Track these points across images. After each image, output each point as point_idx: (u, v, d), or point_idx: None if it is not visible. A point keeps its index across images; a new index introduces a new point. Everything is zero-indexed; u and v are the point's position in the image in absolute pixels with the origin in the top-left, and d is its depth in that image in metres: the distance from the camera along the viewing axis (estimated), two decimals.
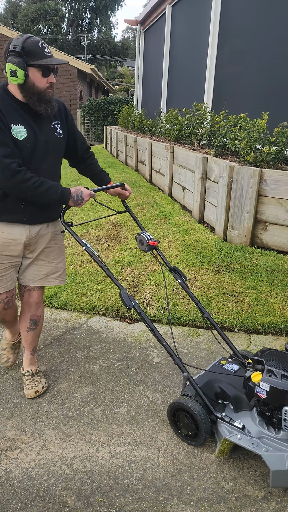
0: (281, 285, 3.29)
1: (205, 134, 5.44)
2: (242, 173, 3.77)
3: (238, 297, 3.20)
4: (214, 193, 4.35)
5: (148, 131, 8.68)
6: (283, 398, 1.69)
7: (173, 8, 8.55)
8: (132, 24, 11.95)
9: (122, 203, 2.57)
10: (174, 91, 8.74)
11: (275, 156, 3.90)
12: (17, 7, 40.25)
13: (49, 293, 3.58)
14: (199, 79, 6.98)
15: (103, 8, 40.86)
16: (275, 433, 1.75)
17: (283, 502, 1.67)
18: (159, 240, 3.56)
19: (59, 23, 39.21)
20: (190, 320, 3.06)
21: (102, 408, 2.21)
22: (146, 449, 1.94)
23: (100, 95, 24.77)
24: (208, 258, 3.72)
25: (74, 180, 7.54)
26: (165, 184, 6.07)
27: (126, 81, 32.21)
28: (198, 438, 1.91)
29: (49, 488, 1.75)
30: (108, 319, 3.20)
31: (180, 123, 6.17)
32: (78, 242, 2.06)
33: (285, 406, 1.68)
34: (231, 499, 1.69)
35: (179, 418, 1.97)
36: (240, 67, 5.74)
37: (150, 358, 2.66)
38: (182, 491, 1.72)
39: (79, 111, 16.81)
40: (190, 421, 1.90)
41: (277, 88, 4.91)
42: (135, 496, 1.70)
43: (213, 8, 6.26)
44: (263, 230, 3.83)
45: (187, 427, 1.94)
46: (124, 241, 4.35)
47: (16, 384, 2.42)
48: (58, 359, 2.67)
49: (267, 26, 5.11)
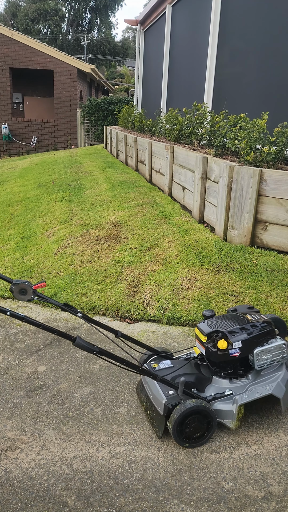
0: (281, 285, 3.29)
1: (205, 134, 5.44)
2: (242, 173, 3.77)
3: (238, 297, 3.20)
4: (214, 193, 4.35)
5: (148, 131, 8.68)
6: (251, 344, 2.01)
7: (173, 8, 8.55)
8: (132, 24, 11.95)
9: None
10: (174, 91, 8.74)
11: (275, 156, 3.90)
12: (17, 7, 40.24)
13: (49, 293, 3.58)
14: (199, 79, 6.98)
15: (103, 8, 40.85)
16: (246, 378, 2.07)
17: (283, 502, 1.67)
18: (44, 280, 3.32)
19: (59, 23, 39.22)
20: (190, 320, 3.06)
21: (102, 408, 2.21)
22: (146, 449, 1.94)
23: (100, 95, 24.76)
24: (208, 258, 3.72)
25: (74, 180, 7.54)
26: (165, 184, 6.07)
27: (126, 81, 32.20)
28: (208, 433, 1.95)
29: (49, 488, 1.75)
30: (108, 319, 3.20)
31: (180, 123, 6.16)
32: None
33: (254, 350, 2.00)
34: (231, 499, 1.69)
35: (188, 424, 1.90)
36: (240, 67, 5.74)
37: None
38: (182, 491, 1.72)
39: (79, 111, 16.81)
40: (202, 421, 1.92)
41: (277, 88, 4.91)
42: (135, 496, 1.70)
43: (213, 8, 6.26)
44: (263, 230, 3.83)
45: (197, 429, 1.93)
46: (124, 241, 4.35)
47: (16, 384, 2.42)
48: (58, 359, 2.67)
49: (267, 26, 5.11)
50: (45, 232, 5.09)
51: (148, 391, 2.10)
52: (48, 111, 18.47)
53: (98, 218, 5.09)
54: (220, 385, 2.05)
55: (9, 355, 2.74)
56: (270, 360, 2.07)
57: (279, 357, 2.09)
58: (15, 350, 2.80)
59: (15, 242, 4.89)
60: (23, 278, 3.95)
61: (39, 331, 3.05)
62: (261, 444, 1.97)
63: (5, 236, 5.20)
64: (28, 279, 3.92)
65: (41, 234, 5.03)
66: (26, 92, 18.61)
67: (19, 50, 15.84)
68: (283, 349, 2.09)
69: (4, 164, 12.17)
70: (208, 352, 2.02)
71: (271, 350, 2.05)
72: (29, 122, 16.89)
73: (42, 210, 5.95)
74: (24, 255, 4.49)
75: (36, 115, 18.41)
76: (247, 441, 1.98)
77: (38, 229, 5.21)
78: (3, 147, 16.96)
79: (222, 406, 1.98)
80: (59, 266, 4.04)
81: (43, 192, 6.97)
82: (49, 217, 5.57)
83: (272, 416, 2.15)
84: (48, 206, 6.11)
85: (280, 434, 2.03)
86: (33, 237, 5.00)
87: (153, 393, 2.03)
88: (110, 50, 41.66)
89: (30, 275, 4.00)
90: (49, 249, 4.52)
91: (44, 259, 4.30)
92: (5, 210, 6.32)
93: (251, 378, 2.07)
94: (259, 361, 2.03)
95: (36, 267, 4.14)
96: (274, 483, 1.77)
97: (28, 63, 15.98)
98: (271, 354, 2.06)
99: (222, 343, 1.96)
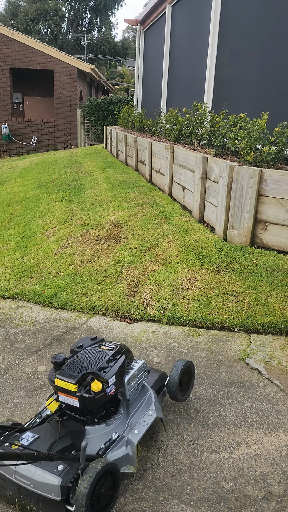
0: (281, 285, 3.29)
1: (205, 134, 5.44)
2: (242, 173, 3.77)
3: (238, 297, 3.20)
4: (214, 193, 4.35)
5: (148, 131, 8.68)
6: (122, 374, 1.82)
7: (173, 8, 8.55)
8: (132, 24, 11.95)
9: None
10: (174, 91, 8.74)
11: (275, 156, 3.90)
12: (17, 7, 40.21)
13: (49, 293, 3.58)
14: (199, 79, 6.98)
15: (103, 8, 40.83)
16: (119, 413, 1.86)
17: (283, 502, 1.67)
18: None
19: (59, 22, 39.19)
20: (190, 320, 3.06)
21: None
22: (146, 449, 1.94)
23: (100, 95, 24.76)
24: (208, 258, 3.72)
25: (74, 180, 7.54)
26: (165, 184, 6.07)
27: (126, 81, 32.19)
28: (115, 493, 1.64)
29: None
30: (108, 319, 3.20)
31: (180, 123, 6.16)
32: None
33: (125, 380, 1.84)
34: (231, 499, 1.69)
35: (98, 494, 1.52)
36: (240, 67, 5.74)
37: (150, 358, 2.66)
38: (182, 491, 1.72)
39: (79, 111, 16.81)
40: (107, 483, 1.58)
41: (277, 88, 4.91)
42: (135, 496, 1.70)
43: (213, 8, 6.26)
44: (263, 230, 3.83)
45: (105, 496, 1.58)
46: (124, 241, 4.35)
47: (16, 384, 2.42)
48: None
49: (267, 26, 5.11)
50: (45, 232, 5.09)
51: (21, 482, 1.58)
52: (48, 111, 18.47)
53: (98, 218, 5.09)
54: (100, 432, 1.77)
55: (9, 355, 2.74)
56: (137, 384, 1.93)
57: (142, 378, 1.97)
58: (15, 350, 2.80)
59: (15, 242, 4.89)
60: (23, 278, 3.95)
61: (39, 331, 3.05)
62: (261, 444, 1.97)
63: (5, 236, 5.20)
64: (28, 279, 3.93)
65: (41, 234, 5.03)
66: (26, 92, 18.61)
67: (19, 50, 15.84)
68: (144, 368, 1.98)
69: (4, 164, 12.17)
70: (83, 401, 1.68)
71: (136, 374, 1.92)
72: (29, 122, 16.89)
73: (42, 210, 5.95)
74: (24, 255, 4.49)
75: (36, 115, 18.41)
76: (247, 441, 1.98)
77: (38, 229, 5.21)
78: (3, 147, 16.95)
79: (116, 454, 1.70)
80: (59, 266, 4.04)
81: (43, 192, 6.97)
82: (49, 217, 5.57)
83: (272, 416, 2.15)
84: (48, 206, 6.11)
85: (280, 434, 2.03)
86: (33, 237, 5.00)
87: (34, 480, 1.55)
88: (110, 50, 41.64)
89: (30, 275, 4.00)
90: (49, 249, 4.52)
91: (44, 259, 4.30)
92: (5, 210, 6.32)
93: (124, 412, 1.87)
94: (130, 389, 1.87)
95: (36, 267, 4.14)
96: (274, 483, 1.77)
97: (28, 63, 15.97)
98: (137, 378, 1.93)
99: (96, 385, 1.68)
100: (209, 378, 2.45)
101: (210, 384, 2.40)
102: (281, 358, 2.64)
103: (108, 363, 1.79)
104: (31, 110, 18.53)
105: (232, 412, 2.17)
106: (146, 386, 1.99)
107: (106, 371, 1.75)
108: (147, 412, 1.87)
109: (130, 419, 1.85)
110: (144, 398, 1.95)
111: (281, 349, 2.74)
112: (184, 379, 2.19)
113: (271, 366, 2.57)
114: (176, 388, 2.06)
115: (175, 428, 2.06)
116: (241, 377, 2.46)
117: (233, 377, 2.46)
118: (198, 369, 2.54)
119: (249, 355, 2.68)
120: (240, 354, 2.69)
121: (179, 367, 2.10)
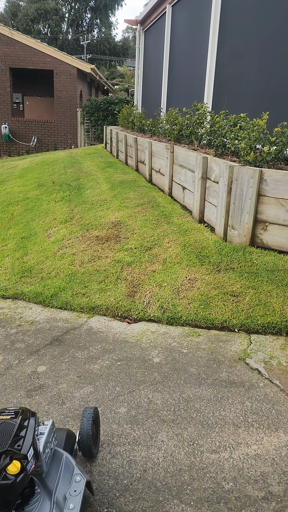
0: (281, 285, 3.29)
1: (205, 134, 5.44)
2: (242, 173, 3.78)
3: (238, 297, 3.20)
4: (214, 193, 4.35)
5: (148, 131, 8.68)
6: (35, 442, 1.47)
7: (173, 8, 8.55)
8: (132, 24, 11.95)
9: None
10: (174, 91, 8.73)
11: (275, 156, 3.90)
12: (17, 7, 40.21)
13: (49, 293, 3.58)
14: (199, 79, 6.98)
15: (103, 8, 40.82)
16: (37, 492, 1.50)
17: (283, 502, 1.67)
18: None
19: (59, 22, 39.18)
20: (190, 320, 3.06)
21: (102, 408, 2.21)
22: (146, 449, 1.94)
23: (100, 95, 24.76)
24: (208, 258, 3.72)
25: (74, 180, 7.53)
26: (165, 184, 6.06)
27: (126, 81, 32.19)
28: None
29: None
30: (108, 319, 3.20)
31: (180, 123, 6.16)
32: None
33: (39, 448, 1.50)
34: (231, 499, 1.69)
35: None
36: (240, 67, 5.74)
37: (150, 358, 2.66)
38: (182, 491, 1.72)
39: (79, 111, 16.81)
40: None
41: (277, 88, 4.91)
42: (135, 496, 1.70)
43: (213, 8, 6.26)
44: (263, 230, 3.83)
45: None
46: (124, 241, 4.35)
47: (16, 384, 2.42)
48: (58, 359, 2.67)
49: (267, 26, 5.11)
50: (45, 232, 5.09)
51: None
52: (48, 111, 18.47)
53: (98, 218, 5.09)
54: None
55: (9, 355, 2.74)
56: (50, 451, 1.58)
57: (53, 440, 1.62)
58: (15, 350, 2.80)
59: (15, 242, 4.89)
60: (23, 278, 3.95)
61: (39, 331, 3.06)
62: (261, 444, 1.97)
63: (5, 236, 5.20)
64: (28, 279, 3.93)
65: (41, 234, 5.03)
66: (26, 92, 18.62)
67: (19, 50, 15.84)
68: (54, 430, 1.64)
69: (4, 164, 12.16)
70: (0, 492, 1.31)
71: (47, 439, 1.56)
72: (29, 122, 16.90)
73: (42, 210, 5.95)
74: (24, 255, 4.49)
75: (36, 115, 18.41)
76: (247, 441, 1.98)
77: (38, 229, 5.21)
78: (3, 147, 16.95)
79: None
80: (59, 266, 4.04)
81: (43, 192, 6.96)
82: (49, 217, 5.57)
83: (272, 416, 2.15)
84: (48, 206, 6.11)
85: (280, 434, 2.03)
86: (33, 237, 5.00)
87: None
88: (110, 50, 41.64)
89: (30, 275, 4.00)
90: (49, 249, 4.52)
91: (44, 259, 4.30)
92: (5, 210, 6.31)
93: (41, 490, 1.49)
94: (45, 458, 1.52)
95: (36, 267, 4.14)
96: (274, 483, 1.77)
97: (28, 63, 15.98)
98: (49, 443, 1.58)
99: (15, 465, 1.33)
100: (209, 378, 2.45)
101: (210, 384, 2.40)
102: (281, 358, 2.64)
103: (17, 431, 1.41)
104: (31, 110, 18.53)
105: (232, 412, 2.17)
106: (58, 450, 1.64)
107: (21, 444, 1.38)
108: (72, 479, 1.53)
109: (53, 495, 1.48)
110: (61, 464, 1.59)
111: (281, 349, 2.74)
112: (94, 429, 1.87)
113: (271, 366, 2.57)
114: (90, 441, 1.78)
115: (175, 428, 2.06)
116: (241, 377, 2.47)
117: (233, 377, 2.46)
118: (198, 369, 2.54)
119: (249, 355, 2.68)
120: (240, 354, 2.69)
121: (89, 417, 1.81)
